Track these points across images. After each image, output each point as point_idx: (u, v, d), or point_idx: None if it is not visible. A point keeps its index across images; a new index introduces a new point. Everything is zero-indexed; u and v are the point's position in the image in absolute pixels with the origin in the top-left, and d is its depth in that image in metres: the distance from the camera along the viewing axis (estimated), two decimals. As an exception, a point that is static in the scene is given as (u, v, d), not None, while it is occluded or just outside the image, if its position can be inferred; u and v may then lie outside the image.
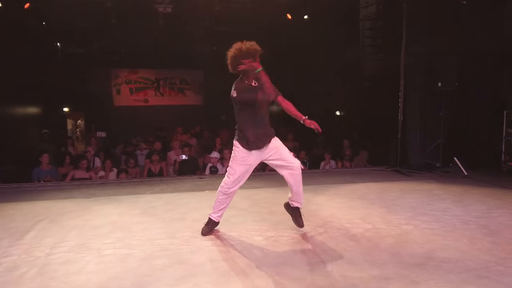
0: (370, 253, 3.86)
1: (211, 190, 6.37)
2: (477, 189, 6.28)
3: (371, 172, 7.91)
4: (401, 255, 3.81)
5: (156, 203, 5.64)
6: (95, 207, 5.52)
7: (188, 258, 3.73)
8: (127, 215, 5.10)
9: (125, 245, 4.08)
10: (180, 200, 5.78)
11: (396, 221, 4.79)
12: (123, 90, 15.66)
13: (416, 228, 4.54)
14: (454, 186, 6.54)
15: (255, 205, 5.50)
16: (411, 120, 7.82)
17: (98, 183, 7.25)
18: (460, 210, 5.18)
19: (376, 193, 6.12)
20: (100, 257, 3.83)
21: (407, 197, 5.86)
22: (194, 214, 5.08)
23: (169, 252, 3.89)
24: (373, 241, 4.17)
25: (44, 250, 4.02)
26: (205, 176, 7.71)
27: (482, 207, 5.31)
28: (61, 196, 6.24)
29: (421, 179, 7.11)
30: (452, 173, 7.48)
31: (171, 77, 15.88)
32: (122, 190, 6.53)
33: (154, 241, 4.16)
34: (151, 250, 3.95)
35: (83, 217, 5.10)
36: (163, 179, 7.49)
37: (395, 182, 6.91)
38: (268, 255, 3.79)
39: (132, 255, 3.83)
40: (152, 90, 15.80)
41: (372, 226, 4.61)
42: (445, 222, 4.71)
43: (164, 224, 4.70)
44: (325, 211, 5.18)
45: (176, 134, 11.06)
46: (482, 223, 4.68)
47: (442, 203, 5.51)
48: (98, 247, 4.05)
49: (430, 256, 3.77)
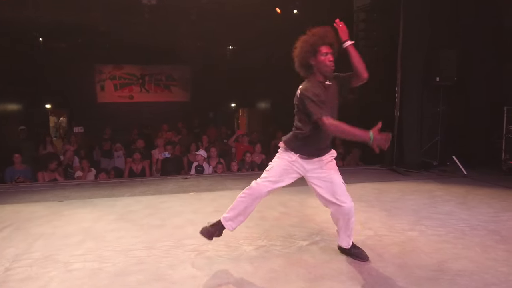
0: (375, 265, 3.39)
1: (196, 191, 5.88)
2: (480, 190, 5.92)
3: (365, 171, 7.49)
4: (409, 267, 3.35)
5: (134, 207, 5.11)
6: (68, 212, 4.99)
7: (167, 274, 3.22)
8: (102, 221, 4.58)
9: (96, 258, 3.56)
10: (161, 204, 5.27)
11: (399, 226, 4.35)
12: (107, 86, 15.28)
13: (422, 234, 4.11)
14: (455, 186, 6.16)
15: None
16: (407, 116, 7.43)
17: (74, 184, 6.70)
18: (466, 214, 4.78)
19: (373, 195, 5.72)
20: (67, 272, 3.31)
21: (407, 199, 5.47)
22: (175, 219, 4.58)
23: (146, 265, 3.37)
24: (376, 250, 3.70)
25: (3, 264, 3.49)
26: (190, 176, 7.19)
27: (489, 210, 4.94)
28: (32, 199, 5.69)
29: (419, 179, 6.74)
30: (450, 172, 7.14)
31: (157, 73, 15.52)
32: (99, 192, 5.98)
33: (129, 253, 3.64)
34: (125, 263, 3.43)
35: (53, 223, 4.58)
36: (144, 180, 6.95)
37: (392, 182, 6.53)
38: (259, 269, 3.30)
39: (103, 270, 3.32)
40: (137, 86, 15.44)
41: (373, 232, 4.16)
42: (452, 227, 4.30)
43: (141, 232, 4.18)
44: (321, 215, 4.69)
45: (161, 132, 10.54)
46: (491, 228, 4.28)
47: (446, 206, 5.13)
48: (65, 260, 3.53)
49: (441, 269, 3.32)
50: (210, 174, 7.65)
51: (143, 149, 8.56)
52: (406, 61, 7.27)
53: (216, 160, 8.02)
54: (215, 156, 8.12)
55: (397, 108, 7.38)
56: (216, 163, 7.94)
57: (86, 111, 14.02)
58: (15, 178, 7.23)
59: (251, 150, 8.64)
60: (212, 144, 9.13)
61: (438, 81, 7.17)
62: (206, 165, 7.94)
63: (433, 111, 7.41)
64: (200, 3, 9.66)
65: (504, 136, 7.10)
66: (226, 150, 9.60)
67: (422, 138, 7.54)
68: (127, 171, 7.76)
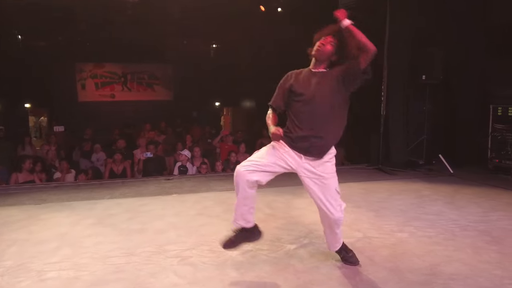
0: (366, 269, 3.26)
1: (179, 193, 5.68)
2: (467, 189, 5.86)
3: (351, 171, 7.38)
4: (401, 271, 3.23)
5: (114, 210, 4.88)
6: (44, 216, 4.74)
7: (148, 282, 3.03)
8: (80, 226, 4.35)
9: (72, 265, 3.36)
10: (142, 207, 5.04)
11: (388, 227, 4.24)
12: (88, 85, 14.93)
13: (412, 236, 4.00)
14: (442, 185, 6.09)
15: (230, 211, 4.79)
16: (393, 115, 7.37)
17: (52, 187, 6.42)
18: (455, 214, 4.70)
19: (360, 195, 5.60)
20: (40, 281, 3.11)
21: (394, 199, 5.36)
22: (157, 223, 4.37)
23: (125, 274, 3.18)
24: (366, 253, 3.57)
25: (-29, 273, 3.24)
26: (173, 177, 6.96)
27: (477, 209, 4.87)
28: (7, 202, 5.41)
29: (406, 178, 6.66)
30: (437, 171, 7.08)
31: (139, 72, 15.23)
32: (78, 195, 5.72)
33: (107, 260, 3.44)
34: (103, 271, 3.23)
35: (28, 228, 4.34)
36: (125, 181, 6.70)
37: (379, 182, 6.44)
38: (246, 276, 3.13)
39: (80, 279, 3.12)
40: (119, 85, 15.13)
41: (362, 234, 4.04)
42: (442, 228, 4.20)
43: (121, 237, 3.96)
44: (308, 216, 4.55)
45: (144, 131, 10.26)
46: (481, 228, 4.20)
47: (434, 205, 5.04)
48: (39, 269, 3.32)
49: (434, 272, 3.20)
50: (193, 175, 7.44)
51: (124, 149, 8.31)
52: (392, 60, 7.18)
53: (200, 160, 7.83)
54: (199, 156, 7.93)
55: (383, 106, 7.29)
56: (200, 163, 7.75)
57: (67, 110, 13.69)
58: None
59: (236, 149, 8.47)
60: (196, 143, 8.94)
61: (424, 80, 7.11)
62: (190, 166, 7.73)
63: (419, 110, 7.37)
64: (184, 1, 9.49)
65: (490, 134, 7.08)
66: (210, 150, 9.40)
67: (408, 136, 7.50)
68: (107, 172, 7.51)
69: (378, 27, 7.21)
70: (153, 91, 15.46)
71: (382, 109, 7.30)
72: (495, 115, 7.02)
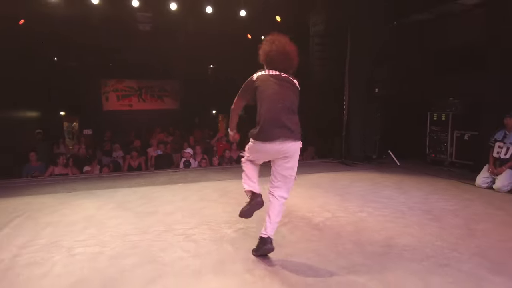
0: (334, 242, 3.17)
1: (184, 183, 5.53)
2: (411, 177, 5.80)
3: (320, 164, 7.29)
4: (362, 243, 3.14)
5: (131, 197, 4.69)
6: (74, 202, 4.53)
7: (158, 256, 2.89)
8: (103, 210, 4.16)
9: (97, 242, 3.19)
10: (154, 194, 4.86)
11: (351, 208, 4.15)
12: (111, 97, 14.60)
13: (370, 215, 3.91)
14: (392, 174, 6.02)
15: (225, 196, 4.68)
16: (353, 119, 7.28)
17: (81, 178, 6.18)
18: (403, 197, 4.63)
19: (328, 182, 5.50)
20: (70, 256, 2.94)
21: (355, 186, 5.27)
22: (166, 207, 4.21)
23: (140, 249, 3.03)
24: (334, 229, 3.48)
25: (11, 250, 3.07)
26: (179, 170, 6.79)
27: (420, 193, 4.81)
28: (43, 191, 5.16)
29: (364, 169, 6.57)
30: (387, 164, 7.01)
31: (151, 86, 14.97)
32: (101, 185, 5.50)
33: (125, 238, 3.28)
34: (122, 247, 3.08)
35: (60, 212, 4.13)
36: (140, 174, 6.49)
37: (342, 172, 6.34)
38: (239, 250, 3.01)
39: (103, 254, 2.96)
40: (136, 97, 14.85)
41: (331, 214, 3.94)
42: (393, 209, 4.12)
43: (137, 219, 3.79)
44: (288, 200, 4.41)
45: (155, 133, 10.06)
46: (425, 208, 4.14)
47: (386, 190, 4.96)
48: (69, 245, 3.14)
49: (389, 244, 3.13)
50: (196, 168, 7.28)
51: (140, 147, 8.11)
52: (352, 76, 7.11)
53: (200, 156, 7.66)
54: (199, 153, 7.77)
55: (346, 113, 7.22)
56: (201, 158, 7.59)
57: (94, 118, 13.36)
58: (31, 173, 6.66)
59: (229, 147, 8.33)
60: (197, 143, 8.77)
61: (377, 92, 7.03)
62: (193, 161, 7.56)
63: (373, 116, 7.25)
64: (187, 30, 9.43)
65: (428, 134, 7.07)
66: (208, 148, 9.24)
67: (365, 136, 7.38)
68: (126, 166, 7.30)
69: (342, 51, 7.17)
70: (163, 102, 15.20)
71: (344, 116, 7.23)
72: (432, 120, 7.02)
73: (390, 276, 2.55)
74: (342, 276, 2.55)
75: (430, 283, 2.45)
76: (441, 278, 2.51)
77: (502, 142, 5.02)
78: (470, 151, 6.32)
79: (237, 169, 6.57)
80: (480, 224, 3.58)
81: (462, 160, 6.50)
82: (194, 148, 7.89)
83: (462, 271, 2.62)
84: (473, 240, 3.19)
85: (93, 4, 7.36)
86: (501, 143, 5.03)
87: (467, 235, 3.29)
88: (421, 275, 2.56)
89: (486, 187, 5.02)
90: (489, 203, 4.31)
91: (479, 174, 5.16)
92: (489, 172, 5.06)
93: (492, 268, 2.66)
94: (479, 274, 2.57)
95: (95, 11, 7.78)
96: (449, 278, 2.51)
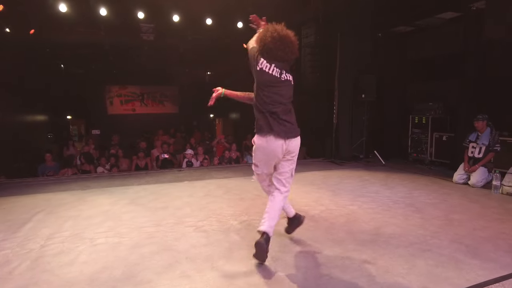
0: (329, 231, 3.34)
1: (189, 180, 5.65)
2: (395, 175, 5.98)
3: (312, 163, 7.45)
4: (354, 232, 3.31)
5: (142, 194, 4.80)
6: (89, 198, 4.63)
7: (173, 245, 3.02)
8: (118, 205, 4.27)
9: (115, 234, 3.31)
10: (163, 190, 4.97)
11: (342, 202, 4.32)
12: (115, 101, 14.66)
13: (360, 208, 4.09)
14: (378, 172, 6.20)
15: (228, 192, 4.82)
16: (342, 122, 7.44)
17: (93, 177, 6.26)
18: (388, 192, 4.81)
19: (321, 179, 5.66)
20: (93, 246, 3.05)
21: (345, 182, 5.43)
22: (175, 202, 4.33)
23: (156, 239, 3.16)
24: (328, 220, 3.65)
25: (38, 241, 3.17)
26: (183, 169, 6.90)
27: (404, 189, 5.00)
28: (60, 189, 5.24)
29: (352, 168, 6.74)
30: (373, 163, 7.19)
31: (153, 92, 15.06)
32: (113, 182, 5.59)
33: (141, 229, 3.40)
34: (139, 237, 3.20)
35: (78, 207, 4.22)
36: (148, 172, 6.58)
37: (333, 170, 6.50)
38: (245, 239, 3.16)
39: (122, 244, 3.08)
40: (138, 102, 14.95)
41: (325, 207, 4.10)
42: (380, 202, 4.31)
43: (150, 213, 3.92)
44: (285, 196, 4.59)
45: (158, 135, 10.14)
46: (408, 202, 4.33)
47: (373, 186, 5.14)
48: (91, 237, 3.25)
49: (378, 233, 3.30)
50: (198, 167, 7.40)
51: (145, 148, 8.19)
52: (341, 83, 7.27)
53: (202, 157, 7.78)
54: (201, 153, 7.88)
55: (335, 116, 7.37)
56: (203, 158, 7.71)
57: (99, 121, 13.41)
58: (46, 173, 6.72)
59: (228, 148, 8.45)
60: (198, 144, 8.88)
61: (363, 98, 7.19)
62: (194, 160, 7.68)
63: (360, 119, 7.43)
64: (186, 40, 9.54)
65: (410, 136, 7.27)
66: (209, 149, 9.37)
67: (352, 138, 7.55)
68: (133, 165, 7.38)
69: (332, 60, 7.34)
70: (164, 106, 15.29)
71: (334, 119, 7.38)
72: (413, 123, 7.23)
73: (380, 260, 2.72)
74: (338, 260, 2.71)
75: (415, 265, 2.63)
76: (425, 261, 2.69)
77: (475, 143, 5.26)
78: (448, 151, 6.54)
79: (236, 168, 6.75)
80: (457, 215, 3.79)
81: (441, 159, 6.72)
82: (196, 149, 8.00)
83: (442, 255, 2.81)
84: (451, 228, 3.39)
85: (101, 16, 7.44)
86: (475, 144, 5.26)
87: (446, 225, 3.49)
88: (407, 259, 2.73)
89: (462, 183, 5.25)
90: (465, 197, 4.52)
91: (456, 171, 5.39)
92: (464, 170, 5.29)
93: (469, 252, 2.85)
94: (458, 257, 2.76)
95: (102, 22, 7.86)
96: (431, 261, 2.70)
